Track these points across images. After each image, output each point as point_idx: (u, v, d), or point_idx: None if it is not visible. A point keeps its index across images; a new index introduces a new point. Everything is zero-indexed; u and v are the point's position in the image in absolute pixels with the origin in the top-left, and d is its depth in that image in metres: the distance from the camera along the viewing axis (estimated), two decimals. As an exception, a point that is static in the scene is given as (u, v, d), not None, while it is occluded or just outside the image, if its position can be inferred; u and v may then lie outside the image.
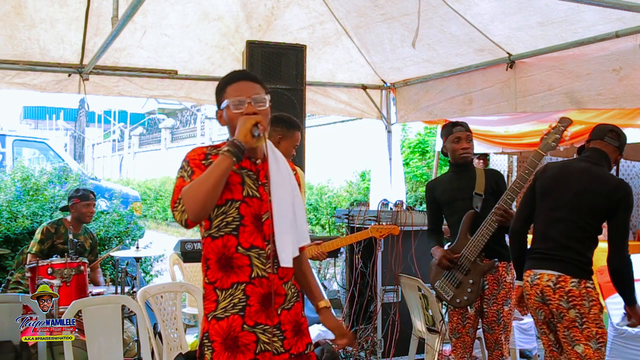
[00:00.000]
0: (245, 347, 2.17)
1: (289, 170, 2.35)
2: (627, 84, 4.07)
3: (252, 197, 2.20)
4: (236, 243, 2.17)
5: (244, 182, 2.20)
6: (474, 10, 4.46)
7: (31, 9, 4.52)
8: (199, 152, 2.22)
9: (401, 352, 4.77)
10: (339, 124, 15.07)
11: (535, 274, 3.11)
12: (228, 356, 2.15)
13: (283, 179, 2.27)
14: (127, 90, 5.42)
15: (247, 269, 2.18)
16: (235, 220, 2.17)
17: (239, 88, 2.23)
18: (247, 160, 2.22)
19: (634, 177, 10.77)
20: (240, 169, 2.20)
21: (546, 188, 3.21)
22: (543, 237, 3.17)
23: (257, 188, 2.22)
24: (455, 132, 3.63)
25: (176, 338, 3.84)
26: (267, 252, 2.20)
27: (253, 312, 2.18)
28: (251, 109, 2.19)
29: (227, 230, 2.17)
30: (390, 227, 4.30)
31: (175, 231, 17.88)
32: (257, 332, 2.18)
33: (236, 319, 2.17)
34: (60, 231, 4.91)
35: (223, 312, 2.18)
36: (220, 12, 5.06)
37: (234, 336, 2.16)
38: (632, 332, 4.50)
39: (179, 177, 2.16)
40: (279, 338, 2.22)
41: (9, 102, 46.85)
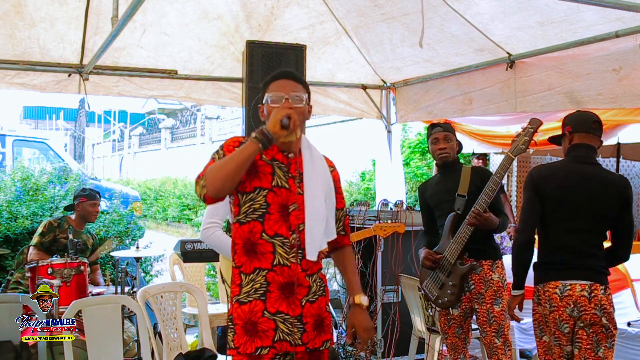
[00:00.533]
0: (264, 333, 2.25)
1: (325, 167, 2.44)
2: (627, 83, 4.07)
3: (281, 187, 2.30)
4: (261, 229, 2.27)
5: (275, 172, 2.31)
6: (474, 10, 4.46)
7: (31, 7, 4.52)
8: (234, 140, 2.34)
9: (401, 352, 4.77)
10: (339, 124, 15.07)
11: (564, 285, 3.00)
12: (247, 340, 2.25)
13: (317, 174, 2.36)
14: (127, 90, 5.42)
15: (270, 255, 2.27)
16: (261, 208, 2.27)
17: (281, 85, 2.35)
18: (280, 153, 2.33)
19: (634, 177, 10.77)
20: (272, 160, 2.32)
21: (557, 197, 3.09)
22: (563, 247, 3.08)
23: (286, 180, 2.32)
24: (433, 134, 3.64)
25: (176, 338, 3.84)
26: (291, 242, 2.29)
27: (274, 299, 2.26)
28: (287, 104, 2.31)
29: (253, 217, 2.28)
30: (395, 225, 4.26)
31: (175, 231, 17.88)
32: (277, 320, 2.26)
33: (258, 304, 2.26)
34: (63, 226, 4.95)
35: (246, 297, 2.28)
36: (220, 11, 5.06)
37: (254, 321, 2.25)
38: (632, 332, 4.50)
39: (212, 158, 2.29)
40: (299, 330, 2.29)
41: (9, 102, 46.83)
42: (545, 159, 9.82)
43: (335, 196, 2.45)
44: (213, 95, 5.69)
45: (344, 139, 14.75)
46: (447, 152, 3.61)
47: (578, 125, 3.16)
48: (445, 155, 3.61)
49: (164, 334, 3.78)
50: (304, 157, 2.36)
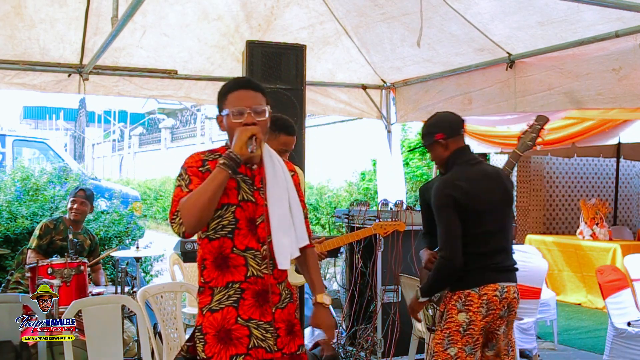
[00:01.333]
0: (238, 340, 2.21)
1: (286, 172, 2.38)
2: (627, 83, 4.07)
3: (247, 202, 2.26)
4: (232, 245, 2.23)
5: (240, 186, 2.25)
6: (474, 10, 4.46)
7: (31, 9, 4.52)
8: (196, 159, 2.27)
9: (401, 352, 4.77)
10: (339, 124, 15.06)
11: (503, 287, 2.91)
12: (220, 348, 2.19)
13: (279, 183, 2.31)
14: (127, 90, 5.42)
15: (243, 268, 2.24)
16: (230, 224, 2.23)
17: (240, 97, 2.24)
18: (242, 165, 2.26)
19: (634, 177, 10.77)
20: (235, 175, 2.23)
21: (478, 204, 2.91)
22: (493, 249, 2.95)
23: (252, 193, 2.27)
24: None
25: (176, 338, 3.84)
26: (262, 253, 2.25)
27: (247, 306, 2.23)
28: (250, 119, 2.21)
29: (223, 233, 2.23)
30: (395, 224, 4.23)
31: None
32: (251, 326, 2.22)
33: (230, 310, 2.22)
34: (59, 227, 4.91)
35: (218, 304, 2.23)
36: (220, 12, 5.06)
37: (228, 329, 2.20)
38: (632, 332, 4.50)
39: (177, 187, 2.22)
40: (273, 335, 2.26)
41: (9, 102, 46.87)
42: (545, 159, 9.82)
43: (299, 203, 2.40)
44: (213, 95, 5.68)
45: (344, 139, 14.74)
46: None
47: (451, 130, 3.06)
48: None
49: (164, 334, 3.78)
50: (266, 166, 2.30)
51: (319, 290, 2.43)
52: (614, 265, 6.26)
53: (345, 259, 5.41)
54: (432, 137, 3.07)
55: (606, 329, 4.73)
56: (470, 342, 2.87)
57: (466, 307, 2.88)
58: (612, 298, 4.67)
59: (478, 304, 2.87)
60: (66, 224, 4.95)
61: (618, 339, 4.55)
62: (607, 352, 4.65)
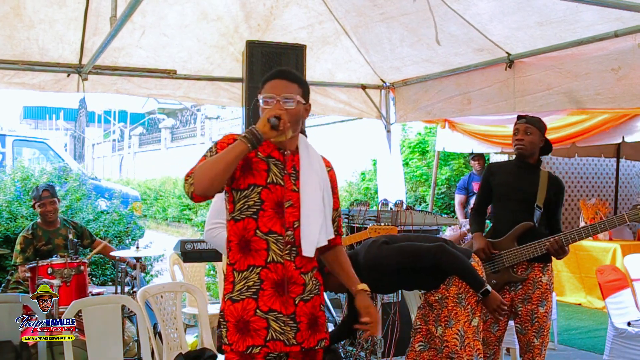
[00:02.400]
0: (255, 332, 2.24)
1: (322, 166, 2.43)
2: (626, 83, 4.07)
3: (276, 184, 2.29)
4: (255, 226, 2.26)
5: (270, 169, 2.30)
6: (473, 10, 4.46)
7: (30, 9, 4.52)
8: (229, 137, 2.33)
9: (401, 352, 4.76)
10: (339, 124, 15.07)
11: None
12: (238, 338, 2.24)
13: (313, 172, 2.36)
14: (126, 88, 5.41)
15: (264, 252, 2.26)
16: (255, 205, 2.27)
17: (274, 86, 2.34)
18: (276, 150, 2.33)
19: (634, 176, 10.77)
20: (267, 157, 2.31)
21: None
22: None
23: (282, 176, 2.31)
24: (515, 124, 3.59)
25: (176, 338, 3.84)
26: (285, 239, 2.28)
27: (267, 297, 2.25)
28: (278, 106, 2.29)
29: (248, 214, 2.27)
30: (388, 228, 4.30)
31: (175, 231, 17.88)
32: (270, 318, 2.24)
33: (250, 302, 2.25)
34: (37, 234, 4.85)
35: (238, 295, 2.27)
36: (220, 12, 5.06)
37: (246, 320, 2.24)
38: (632, 332, 4.50)
39: (204, 156, 2.29)
40: (292, 329, 2.27)
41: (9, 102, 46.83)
42: (545, 158, 9.81)
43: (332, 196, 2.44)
44: (212, 95, 5.69)
45: (344, 139, 14.74)
46: (523, 144, 3.50)
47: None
48: (521, 148, 3.52)
49: (164, 334, 3.78)
50: (301, 155, 2.36)
51: (357, 281, 2.47)
52: (614, 265, 6.25)
53: (345, 259, 5.40)
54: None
55: (606, 329, 4.73)
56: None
57: None
58: (612, 298, 4.66)
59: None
60: (43, 227, 4.88)
61: (618, 339, 4.55)
62: (607, 352, 4.65)
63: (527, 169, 3.58)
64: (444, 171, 10.90)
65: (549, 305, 3.48)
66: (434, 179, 8.48)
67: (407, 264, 3.04)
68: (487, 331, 3.54)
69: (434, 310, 3.09)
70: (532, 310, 3.47)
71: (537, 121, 3.55)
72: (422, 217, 4.91)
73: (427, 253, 3.02)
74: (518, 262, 3.49)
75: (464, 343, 2.95)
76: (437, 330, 3.04)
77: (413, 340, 3.17)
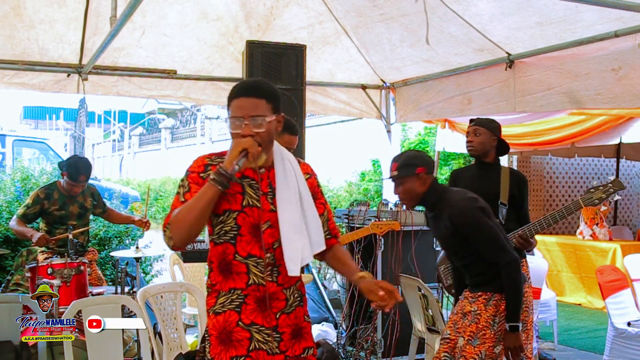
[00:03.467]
0: (238, 342, 2.20)
1: (299, 175, 2.30)
2: (626, 83, 4.07)
3: (252, 207, 2.20)
4: (234, 251, 2.20)
5: (245, 191, 2.20)
6: (473, 11, 4.46)
7: (30, 9, 4.52)
8: (199, 164, 2.22)
9: (401, 352, 4.77)
10: (339, 124, 15.07)
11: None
12: (221, 350, 2.19)
13: (290, 186, 2.24)
14: (126, 90, 5.41)
15: (245, 276, 2.21)
16: (232, 230, 2.19)
17: (240, 105, 2.16)
18: (249, 169, 2.21)
19: (634, 176, 10.77)
20: (242, 178, 2.20)
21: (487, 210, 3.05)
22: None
23: (258, 198, 2.21)
24: (467, 127, 3.74)
25: (176, 338, 3.84)
26: (265, 261, 2.21)
27: (249, 311, 2.21)
28: (247, 130, 2.13)
29: (225, 239, 2.21)
30: (390, 223, 4.32)
31: (175, 231, 17.87)
32: (252, 330, 2.21)
33: (232, 314, 2.21)
34: (53, 196, 4.74)
35: (221, 307, 2.23)
36: (220, 12, 5.06)
37: (229, 331, 2.20)
38: (632, 332, 4.50)
39: (177, 194, 2.21)
40: (275, 339, 2.24)
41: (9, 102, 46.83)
42: (545, 159, 9.82)
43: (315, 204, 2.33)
44: (212, 95, 5.69)
45: (344, 139, 14.74)
46: (472, 145, 3.66)
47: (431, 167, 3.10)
48: (470, 149, 3.67)
49: (164, 334, 3.78)
50: (276, 170, 2.24)
51: (356, 270, 2.32)
52: (614, 265, 6.26)
53: (345, 259, 5.40)
54: (413, 170, 3.03)
55: (606, 329, 4.73)
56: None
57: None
58: (612, 298, 4.67)
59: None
60: (61, 191, 4.76)
61: (618, 339, 4.55)
62: (607, 352, 4.65)
63: (487, 169, 3.69)
64: (444, 171, 10.89)
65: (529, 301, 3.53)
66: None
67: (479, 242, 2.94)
68: None
69: (465, 320, 3.03)
70: None
71: (487, 122, 3.69)
72: (422, 217, 4.91)
73: (501, 253, 2.91)
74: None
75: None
76: (459, 341, 3.01)
77: (440, 348, 3.12)
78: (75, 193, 4.79)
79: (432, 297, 4.14)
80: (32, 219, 4.78)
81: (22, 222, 4.72)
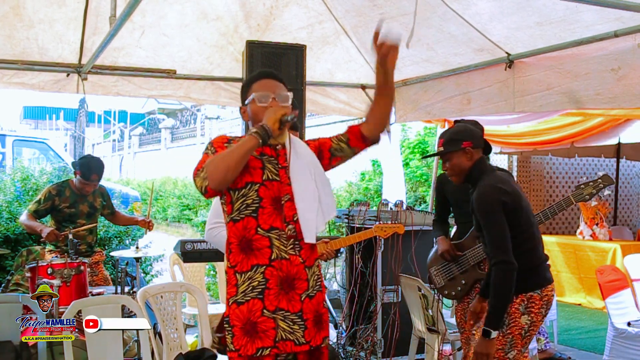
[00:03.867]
0: (264, 333, 2.21)
1: (307, 150, 2.45)
2: (626, 83, 4.06)
3: (272, 181, 2.30)
4: (256, 225, 2.26)
5: (264, 166, 2.31)
6: (473, 10, 4.46)
7: (29, 9, 4.52)
8: (222, 138, 2.37)
9: (401, 352, 4.77)
10: (339, 124, 15.05)
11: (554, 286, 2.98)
12: (247, 341, 2.21)
13: (302, 161, 2.37)
14: (126, 90, 5.41)
15: (267, 250, 2.25)
16: (254, 203, 2.26)
17: (265, 85, 2.38)
18: (267, 146, 2.33)
19: (634, 177, 10.77)
20: (261, 155, 2.31)
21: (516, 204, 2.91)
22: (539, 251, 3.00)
23: (277, 172, 2.32)
24: None
25: (176, 338, 3.85)
26: (287, 233, 2.27)
27: (273, 296, 2.23)
28: (275, 103, 2.34)
29: (247, 213, 2.26)
30: (395, 226, 4.29)
31: (175, 231, 17.88)
32: (277, 318, 2.23)
33: (256, 302, 2.23)
34: (65, 194, 4.82)
35: (243, 297, 2.24)
36: (219, 12, 5.06)
37: (254, 322, 2.22)
38: (632, 332, 4.50)
39: (204, 154, 2.30)
40: (300, 327, 2.26)
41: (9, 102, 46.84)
42: (545, 159, 9.82)
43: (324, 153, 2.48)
44: (212, 94, 5.69)
45: (344, 138, 14.71)
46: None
47: (477, 140, 3.10)
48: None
49: (164, 334, 3.79)
50: (287, 148, 2.38)
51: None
52: (614, 266, 6.26)
53: (345, 259, 5.42)
54: (457, 145, 3.03)
55: (606, 329, 4.73)
56: (528, 342, 2.87)
57: (529, 310, 2.85)
58: (612, 298, 4.67)
59: (539, 305, 2.86)
60: (73, 189, 4.85)
61: (618, 339, 4.55)
62: (607, 352, 4.65)
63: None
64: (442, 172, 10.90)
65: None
66: (434, 179, 8.48)
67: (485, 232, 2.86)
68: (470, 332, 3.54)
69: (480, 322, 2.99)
70: None
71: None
72: (422, 217, 4.92)
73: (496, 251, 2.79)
74: (482, 258, 3.56)
75: None
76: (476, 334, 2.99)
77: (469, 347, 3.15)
78: (87, 192, 4.87)
79: (432, 297, 4.14)
80: (42, 215, 4.84)
81: (33, 217, 4.77)
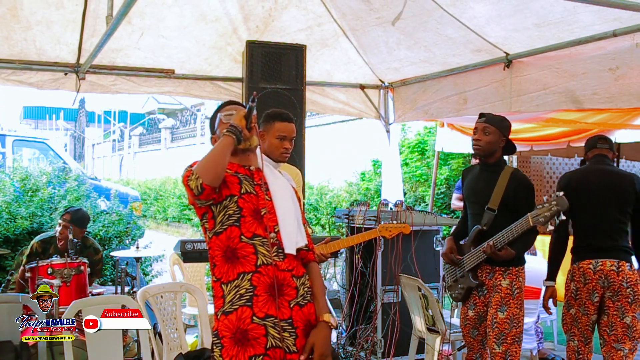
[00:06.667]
0: (255, 340, 2.18)
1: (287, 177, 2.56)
2: (623, 83, 4.07)
3: (250, 194, 2.33)
4: (239, 233, 2.27)
5: (241, 181, 2.35)
6: (469, 14, 4.46)
7: (27, 11, 4.52)
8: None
9: (401, 352, 4.78)
10: (339, 124, 15.08)
11: (597, 262, 3.52)
12: (238, 350, 2.16)
13: (279, 182, 2.47)
14: (125, 88, 5.39)
15: (253, 257, 2.25)
16: (235, 213, 2.29)
17: (229, 109, 2.51)
18: (241, 167, 2.39)
19: (633, 176, 10.77)
20: (236, 173, 2.36)
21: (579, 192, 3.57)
22: (593, 231, 3.59)
23: (253, 187, 2.37)
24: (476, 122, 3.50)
25: (176, 338, 3.85)
26: (269, 241, 2.28)
27: (262, 303, 2.20)
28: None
29: (229, 223, 2.28)
30: (401, 226, 4.18)
31: (175, 231, 17.89)
32: (267, 324, 2.19)
33: (245, 310, 2.20)
34: (48, 250, 4.69)
35: (230, 306, 2.21)
36: (218, 14, 5.06)
37: (244, 329, 2.18)
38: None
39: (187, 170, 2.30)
40: (291, 334, 2.23)
41: (9, 102, 46.87)
42: (545, 159, 9.83)
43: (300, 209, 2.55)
44: (212, 93, 5.68)
45: (344, 139, 14.75)
46: (479, 144, 3.37)
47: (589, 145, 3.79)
48: (476, 148, 3.40)
49: (164, 334, 3.79)
50: (264, 171, 2.44)
51: (325, 310, 2.35)
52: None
53: (345, 259, 5.42)
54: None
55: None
56: (582, 305, 3.59)
57: (572, 278, 3.63)
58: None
59: (579, 275, 3.58)
60: (57, 247, 4.72)
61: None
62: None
63: (488, 170, 3.48)
64: (443, 171, 10.90)
65: (511, 312, 3.37)
66: (434, 179, 8.48)
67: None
68: (468, 336, 3.58)
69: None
70: (492, 315, 3.40)
71: (499, 120, 3.40)
72: (422, 217, 4.92)
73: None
74: (473, 266, 3.46)
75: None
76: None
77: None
78: (63, 238, 4.60)
79: (432, 297, 4.14)
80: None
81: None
